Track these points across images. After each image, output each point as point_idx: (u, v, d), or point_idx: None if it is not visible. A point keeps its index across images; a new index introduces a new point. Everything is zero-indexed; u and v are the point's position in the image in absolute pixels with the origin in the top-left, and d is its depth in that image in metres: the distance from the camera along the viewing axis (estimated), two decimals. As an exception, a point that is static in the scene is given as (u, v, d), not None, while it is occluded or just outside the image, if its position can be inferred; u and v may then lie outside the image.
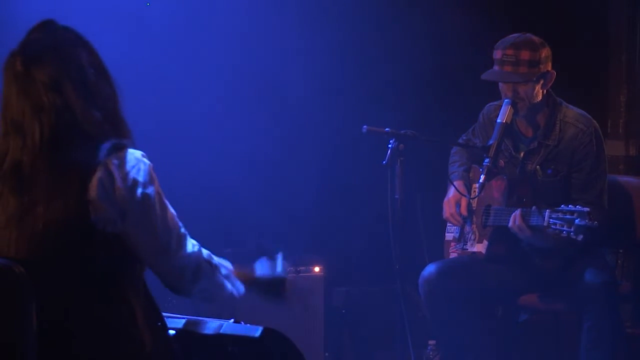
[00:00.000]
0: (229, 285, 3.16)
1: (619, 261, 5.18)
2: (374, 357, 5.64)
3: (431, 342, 5.63)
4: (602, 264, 4.83)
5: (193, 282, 3.08)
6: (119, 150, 2.91)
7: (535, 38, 4.84)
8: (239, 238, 5.51)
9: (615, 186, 5.13)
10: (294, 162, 5.93)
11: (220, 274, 3.15)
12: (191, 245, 3.07)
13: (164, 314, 3.13)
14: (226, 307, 3.72)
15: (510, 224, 4.67)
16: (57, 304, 2.90)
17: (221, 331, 3.20)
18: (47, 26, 3.00)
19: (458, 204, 5.02)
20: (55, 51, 2.95)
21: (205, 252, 3.11)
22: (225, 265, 3.19)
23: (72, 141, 2.90)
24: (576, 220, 4.40)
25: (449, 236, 5.24)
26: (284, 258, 3.43)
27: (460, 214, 5.02)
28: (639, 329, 5.22)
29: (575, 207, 4.44)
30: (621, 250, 5.21)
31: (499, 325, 5.29)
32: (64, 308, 2.90)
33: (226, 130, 5.73)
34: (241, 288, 3.19)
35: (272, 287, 3.38)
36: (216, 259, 3.15)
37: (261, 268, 3.38)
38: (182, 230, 3.04)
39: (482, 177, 4.76)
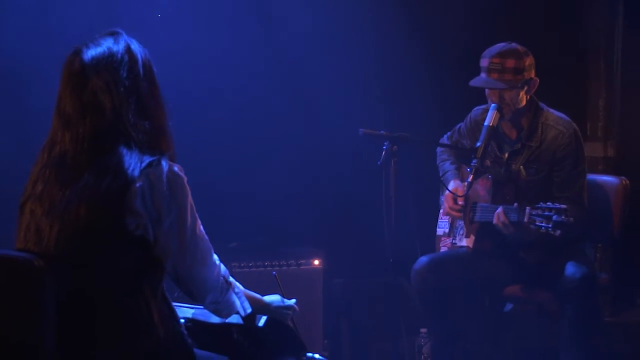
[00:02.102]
0: (238, 303, 3.18)
1: (598, 255, 5.19)
2: (369, 343, 5.64)
3: (423, 330, 5.64)
4: (582, 258, 4.84)
5: (208, 293, 3.10)
6: (160, 162, 2.92)
7: (520, 47, 4.85)
8: (244, 233, 5.53)
9: (594, 185, 5.15)
10: (296, 163, 5.94)
11: (233, 292, 3.17)
12: (214, 259, 3.09)
13: (174, 303, 3.15)
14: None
15: (495, 220, 4.69)
16: (83, 297, 2.92)
17: (227, 320, 3.21)
18: (114, 35, 3.02)
19: (455, 199, 5.04)
20: (114, 59, 2.96)
21: (223, 268, 3.14)
22: (237, 285, 3.20)
23: (117, 145, 2.92)
24: (554, 217, 4.41)
25: (440, 231, 5.26)
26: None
27: (458, 204, 5.03)
28: (616, 318, 5.23)
29: (554, 204, 4.45)
30: (600, 245, 5.21)
31: (486, 314, 5.29)
32: (89, 301, 2.92)
33: (230, 131, 5.74)
34: (248, 308, 3.20)
35: (279, 314, 3.38)
36: (231, 278, 3.17)
37: (270, 298, 3.39)
38: (208, 244, 3.07)
39: (471, 176, 4.77)
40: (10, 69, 4.87)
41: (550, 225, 4.41)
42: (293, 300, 3.47)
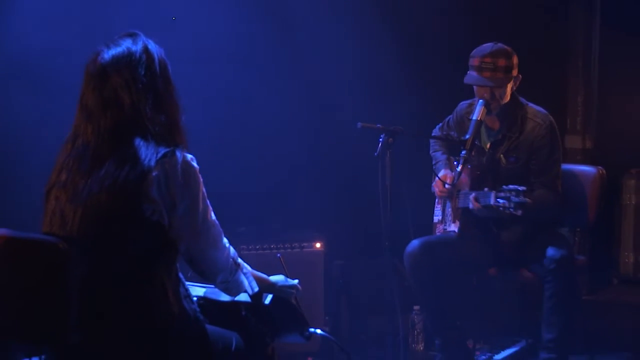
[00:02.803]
0: (246, 283, 3.20)
1: (576, 238, 5.20)
2: (366, 320, 5.64)
3: (416, 307, 5.65)
4: (561, 241, 4.84)
5: (219, 273, 3.12)
6: (174, 153, 2.94)
7: (507, 47, 4.86)
8: (252, 219, 5.52)
9: (573, 174, 5.15)
10: (301, 155, 5.94)
11: (242, 272, 3.18)
12: (224, 242, 3.10)
13: (187, 283, 3.16)
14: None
15: (471, 205, 4.71)
16: (103, 277, 2.94)
17: (236, 299, 3.21)
18: (133, 36, 3.03)
19: (444, 183, 5.04)
20: (133, 58, 2.97)
21: (232, 250, 3.15)
22: (245, 265, 3.21)
23: (135, 137, 2.94)
24: (512, 198, 4.43)
25: (435, 219, 5.27)
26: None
27: (447, 185, 5.02)
28: (593, 296, 5.24)
29: (514, 186, 4.46)
30: (578, 229, 5.22)
31: (474, 293, 5.30)
32: (108, 280, 2.94)
33: (238, 125, 5.74)
34: (255, 287, 3.22)
35: (284, 293, 3.38)
36: (239, 260, 3.18)
37: (275, 278, 3.38)
38: (219, 228, 3.08)
39: (460, 166, 4.78)
40: (37, 66, 4.86)
41: (512, 206, 4.43)
42: (296, 281, 3.47)
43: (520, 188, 4.43)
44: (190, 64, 5.20)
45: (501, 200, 4.47)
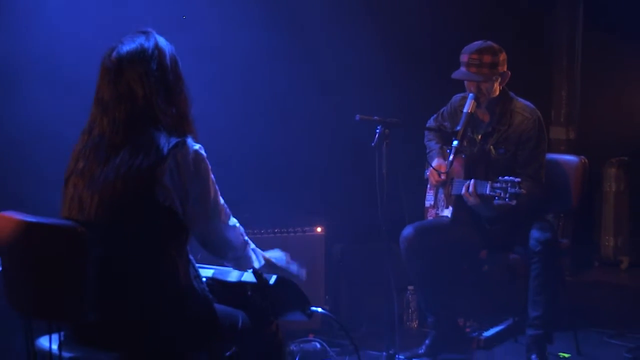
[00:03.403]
0: (254, 257, 3.22)
1: (560, 223, 5.18)
2: (364, 299, 5.64)
3: (410, 287, 5.65)
4: (546, 226, 4.83)
5: (229, 250, 3.14)
6: (185, 143, 2.95)
7: (495, 45, 4.85)
8: (257, 205, 5.51)
9: (557, 163, 5.14)
10: (303, 144, 5.93)
11: (250, 248, 3.20)
12: (233, 222, 3.11)
13: (197, 265, 3.16)
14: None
15: (463, 191, 4.70)
16: (119, 258, 2.94)
17: (242, 279, 3.21)
18: (145, 34, 3.03)
19: (439, 172, 5.04)
20: (146, 54, 2.97)
21: (242, 229, 3.17)
22: (252, 243, 3.23)
23: (148, 127, 2.94)
24: (509, 188, 4.43)
25: (427, 203, 5.26)
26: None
27: (441, 174, 5.02)
28: (575, 278, 5.24)
29: (510, 177, 4.46)
30: (562, 215, 5.21)
31: (465, 274, 5.29)
32: (124, 261, 2.94)
33: (244, 118, 5.73)
34: (262, 261, 3.26)
35: (284, 272, 3.38)
36: (246, 237, 3.19)
37: (273, 254, 3.38)
38: (228, 210, 3.10)
39: (452, 156, 4.78)
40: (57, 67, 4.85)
41: (507, 196, 4.43)
42: (304, 272, 3.46)
43: (516, 180, 4.42)
44: (202, 58, 5.19)
45: (497, 190, 4.46)
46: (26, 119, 4.72)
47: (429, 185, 5.25)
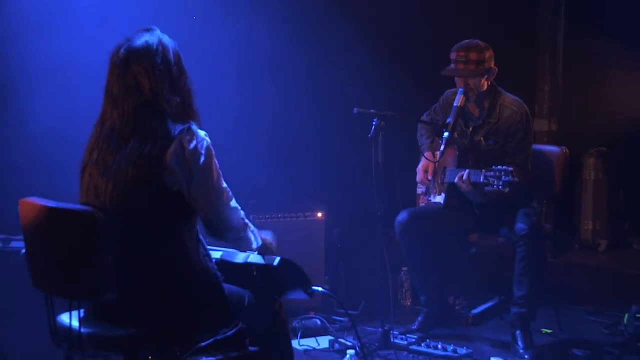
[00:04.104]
0: (252, 238, 3.20)
1: (543, 209, 5.18)
2: (361, 279, 5.63)
3: (404, 268, 5.65)
4: (531, 211, 4.83)
5: (230, 231, 3.12)
6: (189, 129, 2.95)
7: (481, 43, 4.85)
8: (262, 192, 5.51)
9: (541, 153, 5.13)
10: (306, 137, 5.91)
11: (249, 230, 3.19)
12: (234, 204, 3.10)
13: (208, 247, 3.16)
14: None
15: (457, 180, 4.69)
16: (133, 240, 2.94)
17: (248, 260, 3.21)
18: (150, 31, 3.03)
19: (426, 171, 5.04)
20: (151, 49, 2.97)
21: (242, 212, 3.15)
22: (251, 225, 3.21)
23: (154, 118, 2.94)
24: (502, 176, 4.43)
25: (419, 191, 5.26)
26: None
27: (427, 178, 5.04)
28: (557, 259, 5.24)
29: (503, 167, 4.45)
30: (545, 201, 5.20)
31: (455, 256, 5.29)
32: (138, 242, 2.94)
33: (251, 111, 5.72)
34: (260, 242, 3.24)
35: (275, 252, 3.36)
36: (246, 220, 3.18)
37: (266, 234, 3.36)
38: (230, 193, 3.09)
39: (442, 146, 4.78)
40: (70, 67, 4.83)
41: (500, 183, 4.43)
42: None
43: (509, 169, 4.42)
44: (208, 54, 5.18)
45: (491, 179, 4.46)
46: (47, 115, 4.70)
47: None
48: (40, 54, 4.71)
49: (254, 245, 3.20)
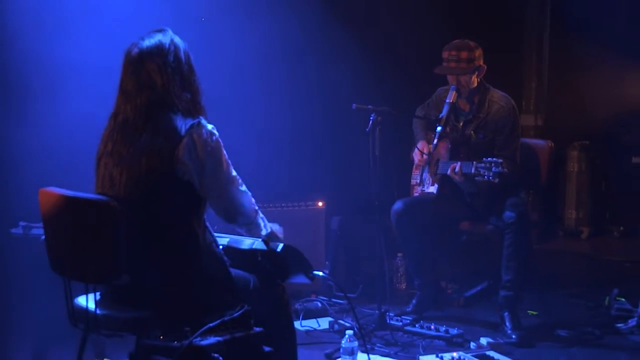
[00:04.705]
0: (262, 225, 3.20)
1: (530, 199, 5.18)
2: (359, 264, 5.64)
3: (399, 254, 5.65)
4: (518, 201, 4.82)
5: (243, 216, 3.13)
6: (199, 124, 2.95)
7: (471, 42, 4.84)
8: (266, 183, 5.51)
9: (527, 146, 5.12)
10: (308, 130, 5.91)
11: (259, 217, 3.19)
12: (245, 189, 3.11)
13: (215, 234, 3.16)
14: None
15: (449, 172, 4.69)
16: (145, 227, 2.94)
17: (253, 247, 3.21)
18: (162, 31, 3.04)
19: (422, 154, 5.02)
20: (163, 48, 2.98)
21: (252, 199, 3.15)
22: (260, 212, 3.21)
23: (166, 111, 2.94)
24: (493, 168, 4.43)
25: (413, 182, 5.25)
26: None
27: (424, 159, 5.01)
28: (542, 246, 5.24)
29: (493, 159, 4.45)
30: (531, 191, 5.20)
31: (447, 243, 5.29)
32: (149, 230, 2.94)
33: (258, 104, 5.71)
34: (269, 228, 3.23)
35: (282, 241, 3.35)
36: (257, 206, 3.18)
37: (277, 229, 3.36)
38: (240, 180, 3.09)
39: (435, 140, 4.78)
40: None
41: (491, 174, 4.43)
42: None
43: (499, 160, 4.42)
44: (214, 49, 5.16)
45: (482, 170, 4.46)
46: (65, 111, 4.70)
47: (414, 166, 5.24)
48: (59, 53, 4.70)
49: (263, 232, 3.20)
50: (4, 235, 4.32)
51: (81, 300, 3.06)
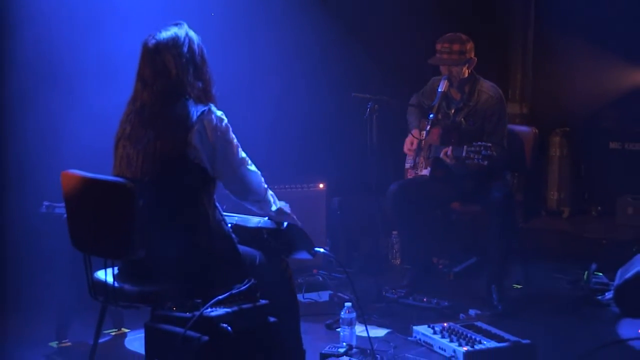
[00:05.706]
0: (272, 201, 3.19)
1: (515, 181, 5.18)
2: (358, 242, 5.64)
3: (394, 232, 5.65)
4: (504, 183, 4.82)
5: (254, 193, 3.13)
6: (210, 110, 2.96)
7: (463, 36, 4.81)
8: (270, 165, 5.49)
9: (513, 133, 5.10)
10: (310, 117, 5.88)
11: (269, 194, 3.18)
12: (254, 169, 3.11)
13: (224, 213, 3.15)
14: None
15: (442, 155, 4.67)
16: (161, 207, 2.94)
17: (260, 225, 3.21)
18: (178, 25, 3.05)
19: (412, 143, 5.01)
20: (178, 40, 2.99)
21: (262, 178, 3.15)
22: (269, 189, 3.20)
23: (180, 98, 2.95)
24: (482, 151, 4.42)
25: (407, 165, 5.23)
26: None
27: (411, 149, 5.00)
28: (527, 225, 5.23)
29: (482, 143, 4.45)
30: (516, 174, 5.20)
31: (439, 222, 5.28)
32: (164, 209, 2.95)
33: (264, 95, 5.69)
34: (278, 204, 3.22)
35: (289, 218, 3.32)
36: (266, 185, 3.17)
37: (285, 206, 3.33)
38: (249, 160, 3.09)
39: (428, 126, 4.76)
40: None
41: (480, 157, 4.42)
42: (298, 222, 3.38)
43: (488, 144, 4.42)
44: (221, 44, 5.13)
45: (472, 153, 4.45)
46: (89, 100, 4.68)
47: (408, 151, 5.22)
48: (88, 48, 4.69)
49: (273, 207, 3.19)
50: (31, 214, 4.31)
51: (100, 275, 3.06)
